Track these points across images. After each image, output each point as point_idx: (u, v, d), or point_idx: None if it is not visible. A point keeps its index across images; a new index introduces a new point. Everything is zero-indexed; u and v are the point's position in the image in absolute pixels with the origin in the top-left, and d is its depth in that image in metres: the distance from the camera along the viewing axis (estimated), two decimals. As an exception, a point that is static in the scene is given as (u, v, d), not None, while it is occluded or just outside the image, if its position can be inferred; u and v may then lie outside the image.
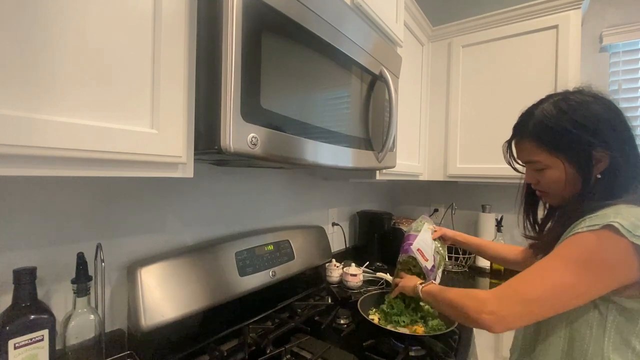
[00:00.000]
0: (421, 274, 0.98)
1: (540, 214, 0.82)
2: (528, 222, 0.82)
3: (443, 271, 1.08)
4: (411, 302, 1.01)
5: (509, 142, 0.78)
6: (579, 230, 0.59)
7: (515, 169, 0.79)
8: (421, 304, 1.01)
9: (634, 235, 0.53)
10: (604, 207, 0.60)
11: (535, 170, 0.72)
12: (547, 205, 0.80)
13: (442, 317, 0.98)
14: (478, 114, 1.62)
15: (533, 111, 0.71)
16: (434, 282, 0.91)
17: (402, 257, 1.01)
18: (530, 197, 0.81)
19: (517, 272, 0.65)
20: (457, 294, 0.71)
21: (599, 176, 0.65)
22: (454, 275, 1.59)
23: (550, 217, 0.79)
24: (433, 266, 0.98)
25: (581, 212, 0.62)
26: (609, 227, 0.55)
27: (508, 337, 1.27)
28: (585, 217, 0.60)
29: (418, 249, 0.98)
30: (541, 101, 0.72)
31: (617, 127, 0.63)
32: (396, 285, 0.98)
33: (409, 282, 0.93)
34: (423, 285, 0.86)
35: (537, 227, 0.81)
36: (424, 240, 1.01)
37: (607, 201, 0.60)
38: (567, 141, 0.65)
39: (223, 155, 0.60)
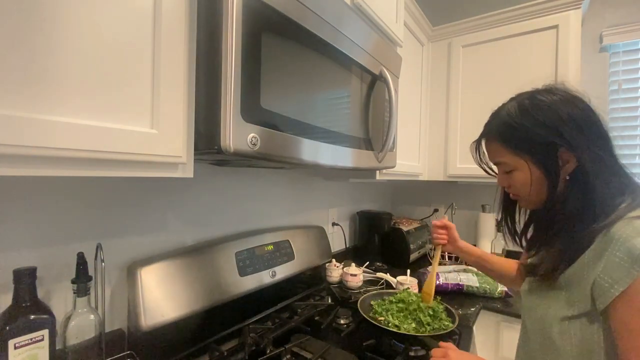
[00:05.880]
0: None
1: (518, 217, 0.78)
2: (506, 228, 0.79)
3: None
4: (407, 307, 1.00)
5: (477, 142, 0.74)
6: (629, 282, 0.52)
7: (485, 170, 0.77)
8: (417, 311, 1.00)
9: None
10: (609, 223, 0.56)
11: (504, 172, 0.70)
12: (528, 212, 0.76)
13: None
14: (478, 114, 1.60)
15: (500, 111, 0.70)
16: None
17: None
18: (506, 201, 0.78)
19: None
20: None
21: (567, 178, 0.62)
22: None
23: (531, 223, 0.75)
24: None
25: (581, 232, 0.59)
26: None
27: (508, 338, 1.28)
28: (596, 241, 0.57)
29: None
30: (510, 100, 0.70)
31: (585, 127, 0.60)
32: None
33: None
34: None
35: (517, 235, 0.77)
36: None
37: (600, 209, 0.57)
38: (529, 141, 0.63)
39: (223, 156, 0.60)
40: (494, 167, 0.75)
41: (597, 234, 0.58)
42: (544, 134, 0.61)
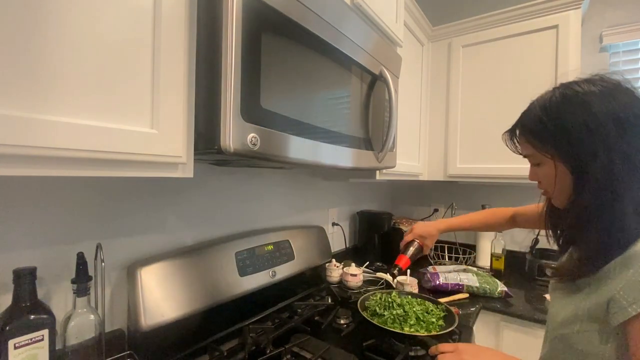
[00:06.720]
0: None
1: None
2: (553, 238, 0.75)
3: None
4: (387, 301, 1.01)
5: (511, 132, 0.72)
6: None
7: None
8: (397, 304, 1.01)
9: None
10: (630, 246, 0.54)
11: (533, 165, 0.68)
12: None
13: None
14: (478, 114, 1.62)
15: (534, 100, 0.67)
16: None
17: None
18: (551, 208, 0.74)
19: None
20: None
21: (595, 176, 0.57)
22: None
23: (560, 223, 0.72)
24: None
25: (605, 236, 0.56)
26: None
27: (508, 338, 1.28)
28: (628, 251, 0.54)
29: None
30: (546, 92, 0.66)
31: (625, 124, 0.55)
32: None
33: None
34: None
35: (559, 242, 0.73)
36: None
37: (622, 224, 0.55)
38: (557, 137, 0.60)
39: (223, 156, 0.60)
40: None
41: (628, 244, 0.55)
42: (572, 129, 0.57)
